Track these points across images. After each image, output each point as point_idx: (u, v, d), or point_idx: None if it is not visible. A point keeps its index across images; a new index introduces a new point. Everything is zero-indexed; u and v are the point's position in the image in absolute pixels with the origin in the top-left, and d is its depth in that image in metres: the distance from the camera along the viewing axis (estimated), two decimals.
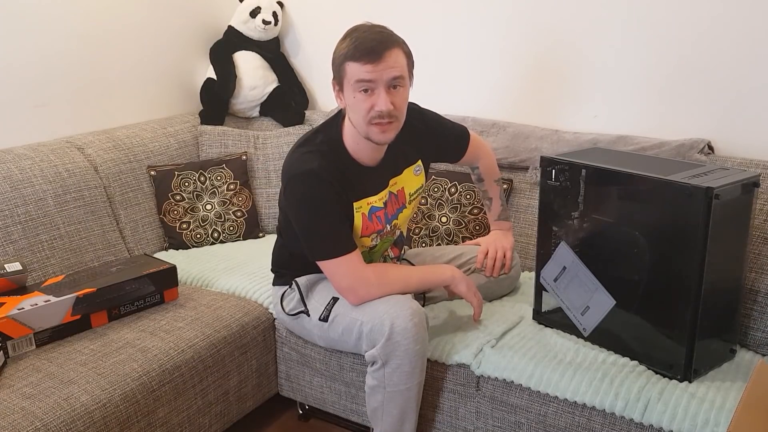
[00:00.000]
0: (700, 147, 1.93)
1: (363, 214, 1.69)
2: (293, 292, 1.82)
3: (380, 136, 1.61)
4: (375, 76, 1.54)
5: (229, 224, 2.40)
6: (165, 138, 2.48)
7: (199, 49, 2.74)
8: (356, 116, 1.60)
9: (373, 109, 1.56)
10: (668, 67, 2.04)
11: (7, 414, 1.45)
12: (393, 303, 1.61)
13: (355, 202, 1.67)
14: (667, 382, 1.52)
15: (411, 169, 1.80)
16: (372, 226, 1.72)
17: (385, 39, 1.56)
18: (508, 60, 2.31)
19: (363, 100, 1.56)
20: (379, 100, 1.55)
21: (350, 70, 1.56)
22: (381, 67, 1.54)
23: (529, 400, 1.61)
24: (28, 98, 2.22)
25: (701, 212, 1.44)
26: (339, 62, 1.58)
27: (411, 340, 1.57)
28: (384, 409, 1.66)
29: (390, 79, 1.56)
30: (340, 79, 1.60)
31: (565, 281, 1.74)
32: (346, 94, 1.60)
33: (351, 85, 1.57)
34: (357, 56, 1.54)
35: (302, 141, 1.70)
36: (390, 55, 1.55)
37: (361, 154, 1.68)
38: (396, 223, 1.80)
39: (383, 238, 1.78)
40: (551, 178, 1.73)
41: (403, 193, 1.80)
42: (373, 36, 1.56)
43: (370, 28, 1.59)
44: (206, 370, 1.80)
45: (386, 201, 1.74)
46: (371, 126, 1.59)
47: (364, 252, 1.75)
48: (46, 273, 1.99)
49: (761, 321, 1.67)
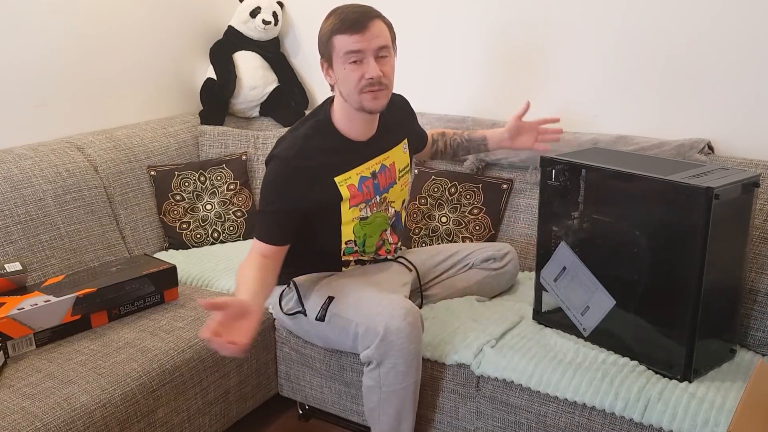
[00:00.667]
0: (700, 147, 1.93)
1: (352, 184, 1.74)
2: (291, 292, 1.82)
3: (373, 103, 1.66)
4: (363, 46, 1.61)
5: (229, 224, 2.40)
6: (165, 138, 2.48)
7: (199, 49, 2.74)
8: (347, 87, 1.65)
9: (363, 78, 1.62)
10: (668, 67, 2.04)
11: (7, 414, 1.45)
12: (387, 303, 1.61)
13: (338, 176, 1.72)
14: (667, 382, 1.52)
15: (400, 146, 1.85)
16: (360, 195, 1.75)
17: (367, 11, 1.64)
18: (508, 60, 2.31)
19: (353, 70, 1.62)
20: (369, 67, 1.62)
21: (338, 43, 1.62)
22: (367, 37, 1.61)
23: (529, 400, 1.61)
24: (28, 98, 2.22)
25: (701, 212, 1.44)
26: (326, 38, 1.64)
27: (405, 340, 1.57)
28: (381, 409, 1.67)
29: (377, 48, 1.62)
30: (329, 55, 1.65)
31: (565, 281, 1.74)
32: (336, 68, 1.65)
33: (340, 57, 1.62)
34: (344, 28, 1.61)
35: (293, 126, 1.78)
36: (374, 25, 1.62)
37: (351, 129, 1.74)
38: (386, 197, 1.82)
39: (374, 210, 1.79)
40: (551, 178, 1.73)
41: (394, 167, 1.84)
42: (355, 9, 1.64)
43: (350, 5, 1.66)
44: (206, 370, 1.80)
45: (375, 172, 1.78)
46: (363, 94, 1.64)
47: (358, 223, 1.77)
48: (46, 273, 1.99)
49: (761, 321, 1.67)
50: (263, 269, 1.63)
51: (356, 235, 1.78)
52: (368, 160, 1.76)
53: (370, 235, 1.81)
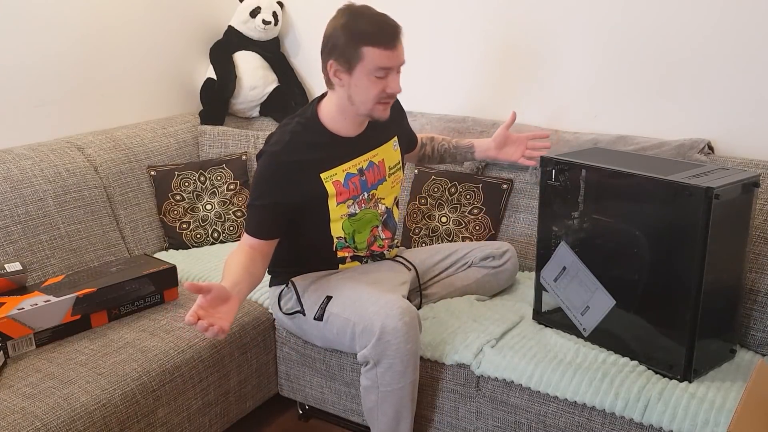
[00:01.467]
0: (700, 147, 1.93)
1: (338, 181, 1.74)
2: (290, 292, 1.82)
3: (383, 113, 1.71)
4: (393, 63, 1.64)
5: (229, 224, 2.40)
6: (165, 138, 2.48)
7: (199, 49, 2.74)
8: (364, 97, 1.66)
9: (384, 91, 1.65)
10: (668, 67, 2.04)
11: (7, 414, 1.45)
12: (383, 303, 1.61)
13: (324, 173, 1.72)
14: (667, 382, 1.52)
15: (390, 143, 1.86)
16: (346, 192, 1.75)
17: (396, 25, 1.65)
18: (508, 60, 2.31)
19: (375, 83, 1.64)
20: (393, 83, 1.66)
21: (369, 54, 1.60)
22: (397, 54, 1.64)
23: (529, 400, 1.61)
24: (28, 98, 2.22)
25: (701, 212, 1.44)
26: (351, 43, 1.61)
27: (402, 340, 1.57)
28: (379, 409, 1.67)
29: (400, 65, 1.67)
30: (350, 61, 1.62)
31: (565, 281, 1.74)
32: (356, 76, 1.64)
33: (367, 69, 1.62)
34: (378, 42, 1.60)
35: (282, 123, 1.79)
36: (401, 42, 1.65)
37: (340, 127, 1.75)
38: (375, 193, 1.81)
39: (362, 207, 1.79)
40: (551, 178, 1.73)
41: (383, 165, 1.83)
42: (385, 20, 1.64)
43: (374, 12, 1.66)
44: (206, 370, 1.80)
45: (362, 168, 1.78)
46: (377, 105, 1.68)
47: (347, 220, 1.78)
48: (46, 273, 1.99)
49: (761, 321, 1.67)
50: (249, 259, 1.65)
51: (345, 231, 1.79)
52: (355, 157, 1.77)
53: (359, 230, 1.82)
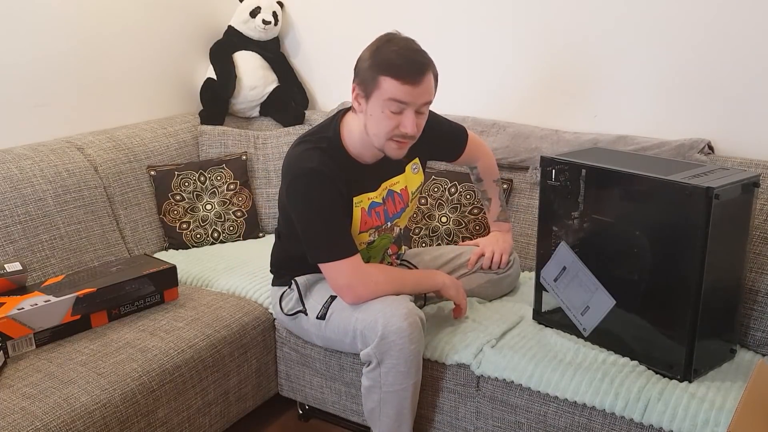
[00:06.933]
0: (700, 147, 1.93)
1: (363, 209, 1.69)
2: (292, 292, 1.82)
3: (396, 152, 1.62)
4: (411, 99, 1.54)
5: (229, 224, 2.40)
6: (165, 138, 2.48)
7: (199, 49, 2.74)
8: (377, 130, 1.59)
9: (397, 129, 1.56)
10: (668, 67, 2.04)
11: (7, 414, 1.45)
12: (388, 303, 1.61)
13: (355, 197, 1.67)
14: (667, 382, 1.52)
15: (409, 166, 1.80)
16: (371, 221, 1.72)
17: (424, 62, 1.55)
18: (508, 60, 2.31)
19: (389, 117, 1.55)
20: (408, 122, 1.55)
21: (386, 85, 1.53)
22: (418, 92, 1.53)
23: (529, 400, 1.61)
24: (28, 98, 2.22)
25: (701, 212, 1.44)
26: (372, 71, 1.54)
27: (406, 340, 1.57)
28: (381, 409, 1.66)
29: (421, 104, 1.57)
30: (369, 88, 1.56)
31: (565, 281, 1.74)
32: (372, 105, 1.57)
33: (382, 100, 1.54)
34: (399, 75, 1.51)
35: (301, 139, 1.70)
36: (426, 80, 1.54)
37: (360, 153, 1.69)
38: (397, 221, 1.81)
39: (381, 234, 1.78)
40: (551, 178, 1.73)
41: (406, 192, 1.80)
42: (413, 56, 1.54)
43: (408, 44, 1.56)
44: (206, 370, 1.80)
45: (385, 198, 1.74)
46: (390, 141, 1.59)
47: (365, 248, 1.75)
48: (46, 273, 1.99)
49: (761, 321, 1.67)
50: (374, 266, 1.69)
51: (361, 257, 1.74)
52: (379, 185, 1.72)
53: (374, 256, 1.81)
